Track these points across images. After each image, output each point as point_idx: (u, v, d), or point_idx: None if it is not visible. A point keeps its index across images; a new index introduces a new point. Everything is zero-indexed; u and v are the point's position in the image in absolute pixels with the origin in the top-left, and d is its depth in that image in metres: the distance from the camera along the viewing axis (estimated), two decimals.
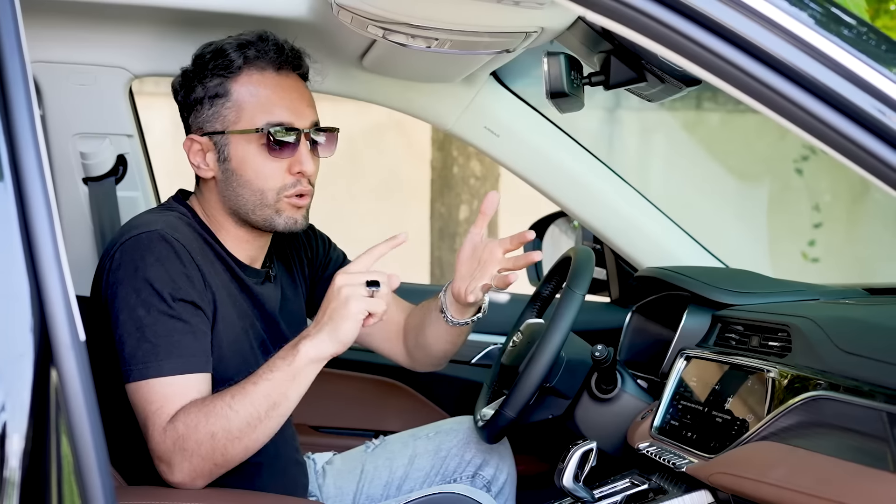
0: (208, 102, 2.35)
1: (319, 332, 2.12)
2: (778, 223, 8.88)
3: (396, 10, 2.25)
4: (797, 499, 1.90)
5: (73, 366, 1.30)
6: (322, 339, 2.11)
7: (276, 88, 2.34)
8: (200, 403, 2.11)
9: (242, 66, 2.32)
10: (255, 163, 2.32)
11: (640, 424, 2.54)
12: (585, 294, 2.50)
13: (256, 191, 2.33)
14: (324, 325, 2.12)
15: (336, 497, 2.71)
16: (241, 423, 2.09)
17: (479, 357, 3.28)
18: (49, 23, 2.69)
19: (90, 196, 2.90)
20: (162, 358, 2.14)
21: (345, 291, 2.11)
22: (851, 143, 1.59)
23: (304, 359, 2.11)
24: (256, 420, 2.10)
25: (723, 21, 1.58)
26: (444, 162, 8.17)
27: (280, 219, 2.35)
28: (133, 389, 2.16)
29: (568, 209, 3.17)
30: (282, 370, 2.11)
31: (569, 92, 2.32)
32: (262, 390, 2.10)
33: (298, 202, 2.35)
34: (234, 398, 2.09)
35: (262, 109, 2.32)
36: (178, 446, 2.09)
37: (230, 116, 2.33)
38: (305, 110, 2.36)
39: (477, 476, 2.71)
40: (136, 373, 2.15)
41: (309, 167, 2.33)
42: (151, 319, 2.16)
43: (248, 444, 2.12)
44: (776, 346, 2.26)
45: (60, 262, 1.34)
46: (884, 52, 1.67)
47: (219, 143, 2.35)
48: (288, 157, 2.32)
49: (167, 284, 2.18)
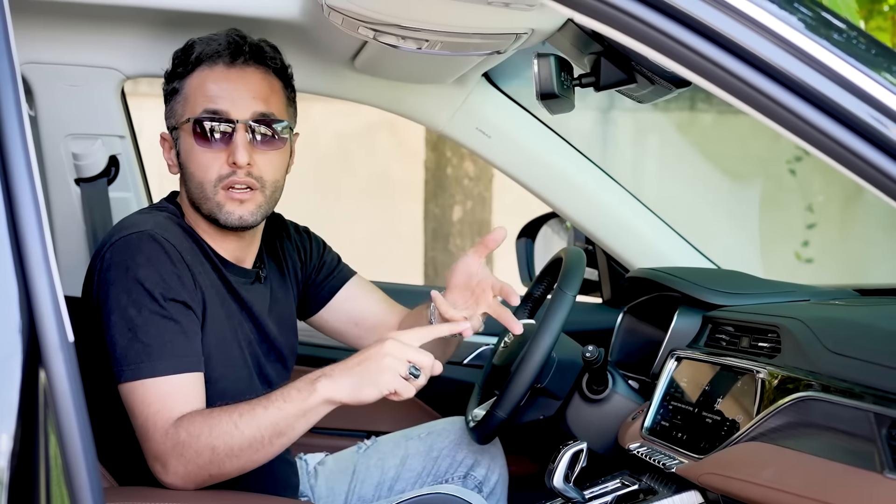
0: (170, 99, 2.38)
1: (344, 377, 2.11)
2: (771, 224, 8.88)
3: (387, 11, 2.26)
4: (786, 499, 1.90)
5: (62, 367, 1.30)
6: (342, 386, 2.10)
7: (219, 80, 2.32)
8: (207, 415, 2.11)
9: (196, 63, 2.33)
10: (193, 154, 2.32)
11: (630, 425, 2.54)
12: (576, 295, 2.50)
13: (197, 183, 2.32)
14: (351, 374, 2.11)
15: (328, 498, 2.71)
16: (243, 443, 2.09)
17: (470, 358, 3.28)
18: (40, 24, 2.69)
19: (82, 197, 2.90)
20: (154, 358, 2.14)
21: (387, 362, 2.10)
22: (840, 146, 1.59)
23: (320, 398, 2.10)
24: (259, 444, 2.10)
25: (710, 23, 1.59)
26: (438, 162, 8.16)
27: (221, 213, 2.31)
28: (127, 390, 2.16)
29: (560, 210, 3.17)
30: (295, 402, 2.10)
31: (559, 93, 2.32)
32: (271, 417, 2.09)
33: (235, 195, 2.30)
34: (242, 417, 2.09)
35: (202, 100, 2.31)
36: (176, 451, 2.09)
37: (179, 110, 2.35)
38: (248, 101, 2.31)
39: (468, 476, 2.71)
40: (128, 373, 2.15)
41: (242, 158, 2.27)
42: (143, 320, 2.16)
43: (244, 464, 2.12)
44: (766, 347, 2.26)
45: (49, 262, 1.34)
46: (873, 56, 1.67)
47: (175, 137, 2.38)
48: (221, 148, 2.29)
49: (158, 284, 2.18)
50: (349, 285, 2.73)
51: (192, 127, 2.30)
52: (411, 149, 9.48)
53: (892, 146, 1.58)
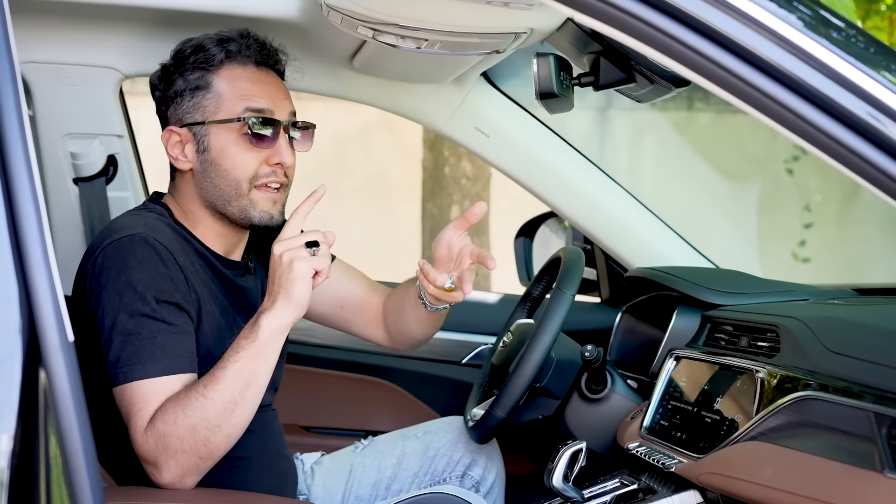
0: (189, 94, 2.36)
1: (274, 302, 2.14)
2: (769, 223, 8.89)
3: (386, 10, 2.25)
4: (785, 499, 1.90)
5: (62, 367, 1.30)
6: (279, 308, 2.14)
7: (255, 81, 2.36)
8: (175, 399, 2.12)
9: (224, 59, 2.34)
10: (234, 152, 2.33)
11: (629, 424, 2.54)
12: (575, 294, 2.50)
13: (232, 181, 2.33)
14: (277, 295, 2.15)
15: (325, 497, 2.71)
16: (218, 410, 2.09)
17: (469, 357, 3.28)
18: (39, 23, 2.69)
19: (80, 196, 2.89)
20: (146, 360, 2.14)
21: (286, 257, 2.15)
22: (839, 144, 1.59)
23: (267, 331, 2.13)
24: (233, 404, 2.11)
25: (709, 22, 1.59)
26: (436, 162, 8.16)
27: (255, 211, 2.34)
28: (119, 393, 2.16)
29: (558, 210, 3.17)
30: (246, 349, 2.13)
31: (558, 93, 2.32)
32: (232, 372, 2.11)
33: (273, 195, 2.35)
34: (207, 386, 2.10)
35: (242, 99, 2.33)
36: (160, 445, 2.09)
37: (210, 107, 2.35)
38: (284, 103, 2.38)
39: (466, 476, 2.72)
40: (120, 376, 2.15)
41: (287, 159, 2.34)
42: (135, 322, 2.16)
43: (229, 431, 2.12)
44: (765, 347, 2.26)
45: (49, 262, 1.34)
46: (871, 54, 1.67)
47: (198, 133, 2.36)
48: (266, 148, 2.33)
49: (150, 287, 2.18)
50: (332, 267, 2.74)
51: (236, 126, 2.32)
52: (409, 148, 9.48)
53: (890, 144, 1.58)
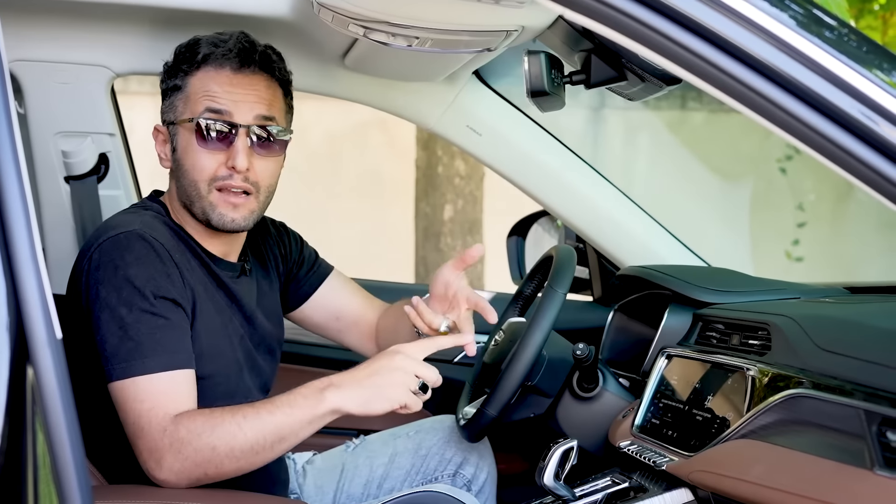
0: (170, 94, 2.38)
1: (354, 389, 2.14)
2: (762, 222, 8.89)
3: (377, 8, 2.25)
4: (776, 497, 1.90)
5: (50, 364, 1.29)
6: (352, 397, 2.14)
7: (225, 83, 2.32)
8: (209, 414, 2.11)
9: (202, 62, 2.33)
10: (191, 152, 2.32)
11: (621, 423, 2.54)
12: (567, 293, 2.50)
13: (192, 182, 2.32)
14: (361, 387, 2.14)
15: (316, 496, 2.71)
16: (244, 446, 2.09)
17: (461, 356, 3.28)
18: (30, 21, 2.68)
19: (72, 195, 2.89)
20: (146, 355, 2.13)
21: (398, 376, 2.15)
22: (832, 143, 1.59)
23: (328, 407, 2.13)
24: (261, 448, 2.11)
25: (700, 20, 1.59)
26: (429, 161, 8.16)
27: (214, 214, 2.32)
28: (118, 388, 2.14)
29: (550, 208, 3.17)
30: (302, 409, 2.12)
31: (549, 91, 2.31)
32: (277, 422, 2.11)
33: (230, 198, 2.31)
34: (247, 419, 2.10)
35: (204, 100, 2.31)
36: (174, 448, 2.08)
37: (179, 107, 2.35)
38: (252, 105, 2.32)
39: (457, 475, 2.71)
40: (118, 371, 2.14)
41: (241, 162, 2.29)
42: (133, 318, 2.15)
43: (243, 466, 2.13)
44: (756, 345, 2.26)
45: (37, 260, 1.33)
46: (864, 54, 1.67)
47: (172, 132, 2.37)
48: (221, 150, 2.30)
49: (148, 282, 2.17)
50: (329, 280, 2.76)
51: (193, 126, 2.30)
52: (402, 147, 9.47)
53: (883, 143, 1.58)
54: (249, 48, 2.34)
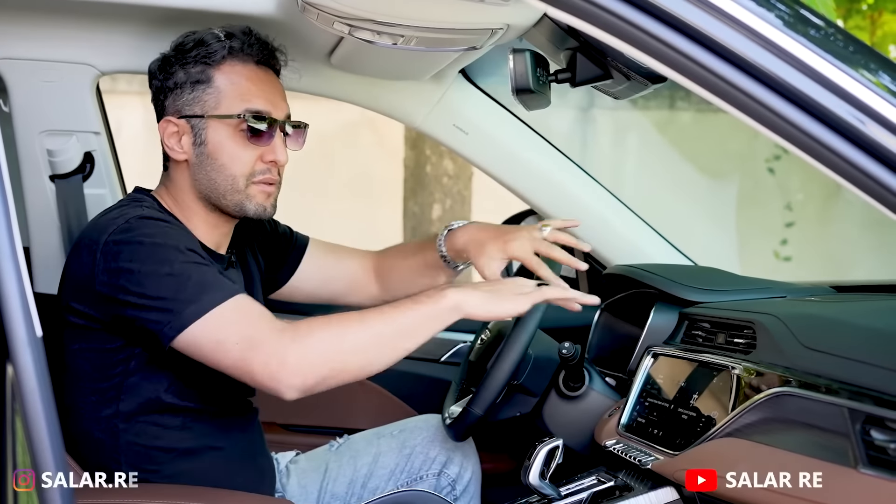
0: (189, 87, 2.38)
1: (475, 292, 2.19)
2: (750, 222, 8.90)
3: (362, 6, 2.25)
4: (761, 495, 1.90)
5: (30, 362, 1.29)
6: (473, 297, 2.18)
7: (255, 80, 2.39)
8: (325, 317, 2.14)
9: (226, 55, 2.37)
10: (231, 148, 2.36)
11: (607, 422, 2.55)
12: None
13: (229, 176, 2.36)
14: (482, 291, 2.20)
15: (300, 496, 2.70)
16: (368, 338, 2.14)
17: (448, 355, 3.28)
18: (14, 19, 2.67)
19: (57, 193, 2.87)
20: (212, 289, 2.13)
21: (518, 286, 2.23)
22: (819, 144, 1.59)
23: (451, 302, 2.16)
24: (385, 341, 2.14)
25: (686, 19, 1.59)
26: (417, 160, 8.16)
27: (251, 205, 2.38)
28: (194, 334, 2.10)
29: (537, 207, 3.17)
30: (425, 305, 2.16)
31: (534, 89, 2.31)
32: (400, 316, 2.16)
33: (268, 189, 2.39)
34: (369, 313, 2.15)
35: (242, 97, 2.36)
36: (297, 341, 2.08)
37: (210, 102, 2.37)
38: (281, 103, 2.42)
39: (442, 474, 2.71)
40: (188, 315, 2.10)
41: (282, 157, 2.38)
42: (180, 268, 2.15)
43: (367, 361, 2.15)
44: (741, 343, 2.27)
45: (17, 258, 1.33)
46: (851, 54, 1.67)
47: (196, 126, 2.37)
48: (262, 146, 2.37)
49: (176, 240, 2.20)
50: (310, 250, 2.79)
51: (234, 123, 2.34)
52: (391, 147, 9.47)
53: (870, 143, 1.58)
54: (265, 42, 2.43)
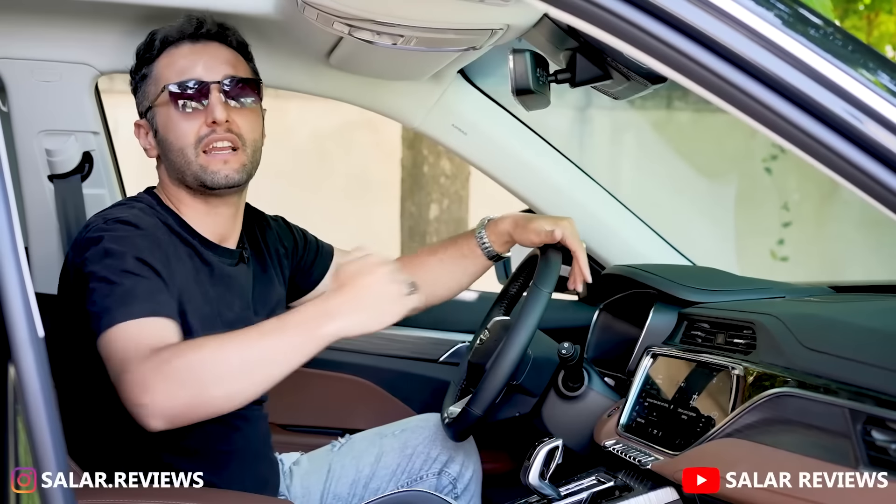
0: (141, 86, 2.44)
1: (349, 314, 2.00)
2: (747, 222, 8.91)
3: (362, 6, 2.25)
4: (761, 495, 1.90)
5: (32, 362, 1.29)
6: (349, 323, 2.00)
7: (187, 55, 2.41)
8: (192, 341, 2.02)
9: (162, 47, 2.41)
10: (171, 124, 2.37)
11: (606, 422, 2.54)
12: (552, 292, 2.50)
13: (178, 151, 2.36)
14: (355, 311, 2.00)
15: (304, 497, 2.70)
16: (232, 368, 1.96)
17: (446, 356, 3.28)
18: (13, 19, 2.67)
19: (56, 193, 2.87)
20: (129, 303, 2.07)
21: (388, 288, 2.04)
22: (817, 142, 1.59)
23: (324, 339, 1.99)
24: (248, 371, 1.97)
25: (685, 18, 1.59)
26: (415, 160, 8.16)
27: (207, 174, 2.35)
28: (105, 340, 2.06)
29: (536, 207, 3.17)
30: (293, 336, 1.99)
31: (534, 89, 2.31)
32: (264, 344, 1.98)
33: (219, 155, 2.35)
34: (233, 341, 1.98)
35: (173, 75, 2.38)
36: (158, 369, 1.94)
37: (151, 91, 2.41)
38: (218, 66, 2.40)
39: (443, 473, 2.71)
40: (104, 321, 2.06)
41: (220, 114, 2.34)
42: (118, 276, 2.12)
43: (231, 391, 1.97)
44: (741, 344, 2.26)
45: (18, 258, 1.33)
46: (848, 52, 1.67)
47: (151, 119, 2.42)
48: (199, 111, 2.35)
49: (131, 249, 2.16)
50: (336, 259, 2.80)
51: (167, 96, 2.35)
52: (388, 147, 9.47)
53: (867, 142, 1.58)
54: (200, 21, 2.42)
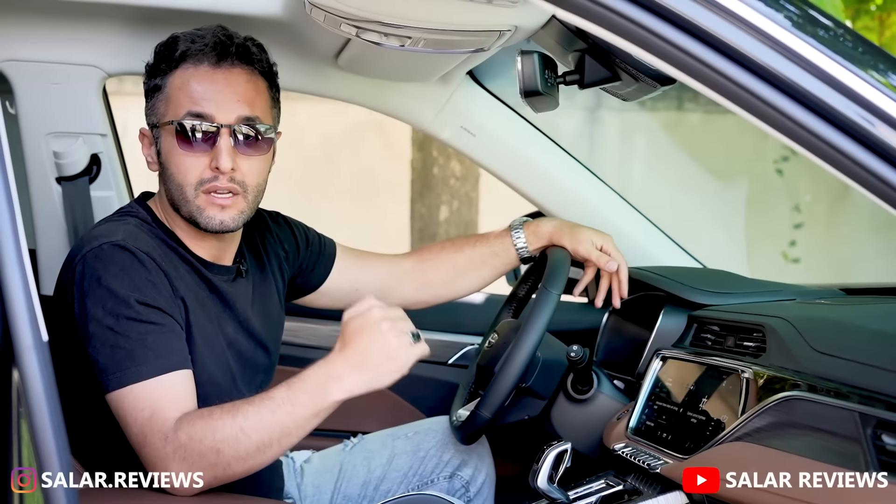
0: (151, 95, 2.33)
1: (354, 376, 2.06)
2: (758, 224, 8.89)
3: (369, 8, 2.24)
4: (770, 500, 1.89)
5: (35, 366, 1.28)
6: (355, 386, 2.07)
7: (203, 81, 2.26)
8: (208, 416, 2.05)
9: (180, 60, 2.27)
10: (175, 156, 2.27)
11: (615, 425, 2.53)
12: (561, 294, 2.49)
13: (177, 186, 2.27)
14: (360, 371, 2.07)
15: (314, 496, 2.70)
16: (249, 447, 2.04)
17: (455, 358, 3.27)
18: (21, 21, 2.67)
19: (63, 196, 2.87)
20: (139, 362, 2.09)
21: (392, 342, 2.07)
22: (828, 145, 1.59)
23: (332, 402, 2.06)
24: (266, 446, 2.05)
25: (695, 20, 1.58)
26: (424, 162, 8.15)
27: (201, 217, 2.27)
28: (116, 399, 2.10)
29: (545, 209, 3.16)
30: (305, 407, 2.05)
31: (543, 91, 2.30)
32: (279, 420, 2.04)
33: (217, 200, 2.26)
34: (248, 421, 2.04)
35: (186, 102, 2.26)
36: (178, 455, 2.03)
37: (161, 109, 2.30)
38: (233, 104, 2.26)
39: (455, 476, 2.71)
40: (114, 381, 2.09)
41: (225, 163, 2.23)
42: (122, 327, 2.10)
43: (252, 466, 2.07)
44: (751, 347, 2.26)
45: (23, 262, 1.32)
46: (860, 54, 1.66)
47: (155, 135, 2.33)
48: (205, 152, 2.25)
49: (133, 291, 2.13)
50: (339, 259, 2.74)
51: (174, 129, 2.25)
52: (398, 149, 9.47)
53: (879, 144, 1.57)
54: (226, 41, 2.28)
